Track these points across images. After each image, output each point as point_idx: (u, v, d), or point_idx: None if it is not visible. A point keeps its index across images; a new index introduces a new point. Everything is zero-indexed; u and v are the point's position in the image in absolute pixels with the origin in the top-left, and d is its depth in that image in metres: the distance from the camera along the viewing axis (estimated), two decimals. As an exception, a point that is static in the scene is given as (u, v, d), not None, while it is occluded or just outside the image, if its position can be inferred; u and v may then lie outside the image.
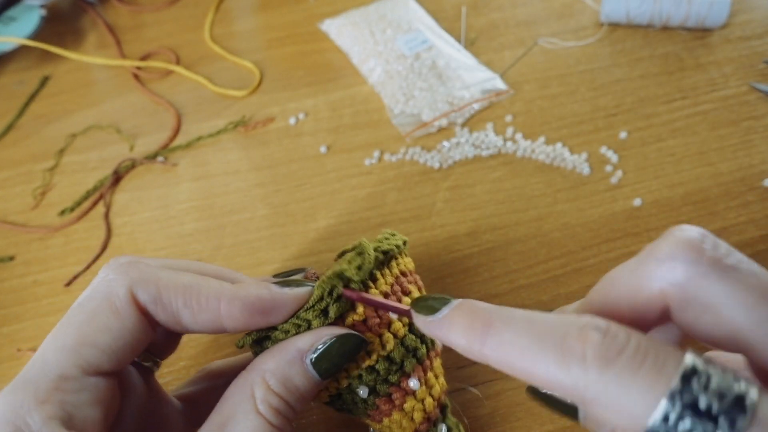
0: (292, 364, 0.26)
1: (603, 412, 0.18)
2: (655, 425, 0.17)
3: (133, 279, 0.25)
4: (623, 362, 0.18)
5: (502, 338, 0.21)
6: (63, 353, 0.23)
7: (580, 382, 0.19)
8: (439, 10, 0.60)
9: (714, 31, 0.56)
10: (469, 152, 0.48)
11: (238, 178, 0.48)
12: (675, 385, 0.17)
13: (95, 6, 0.65)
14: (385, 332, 0.28)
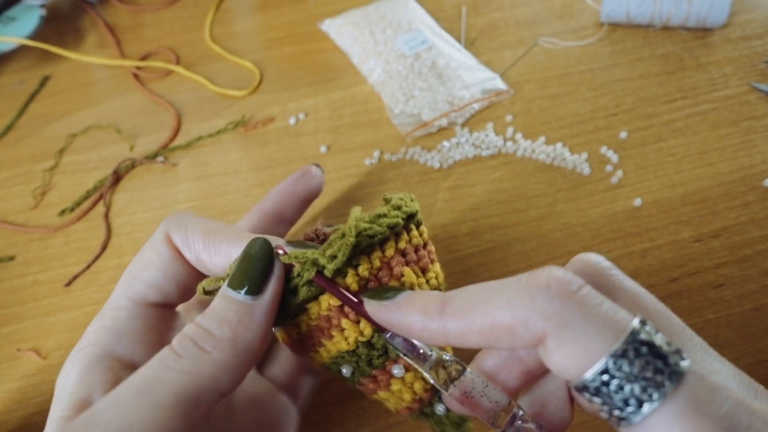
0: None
1: (555, 348, 0.20)
2: (593, 377, 0.19)
3: (169, 224, 0.28)
4: (582, 297, 0.20)
5: (461, 301, 0.22)
6: (118, 290, 0.28)
7: (545, 309, 0.20)
8: (439, 10, 0.60)
9: (714, 30, 0.56)
10: (469, 152, 0.48)
11: (238, 178, 0.48)
12: (619, 346, 0.19)
13: (95, 6, 0.65)
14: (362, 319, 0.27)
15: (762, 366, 0.35)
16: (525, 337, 0.20)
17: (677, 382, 0.19)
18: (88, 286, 0.42)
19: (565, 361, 0.20)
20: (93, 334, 0.27)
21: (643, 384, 0.19)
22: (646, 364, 0.19)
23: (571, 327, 0.20)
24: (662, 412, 0.19)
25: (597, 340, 0.19)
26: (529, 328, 0.20)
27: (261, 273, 0.25)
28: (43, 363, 0.39)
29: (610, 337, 0.19)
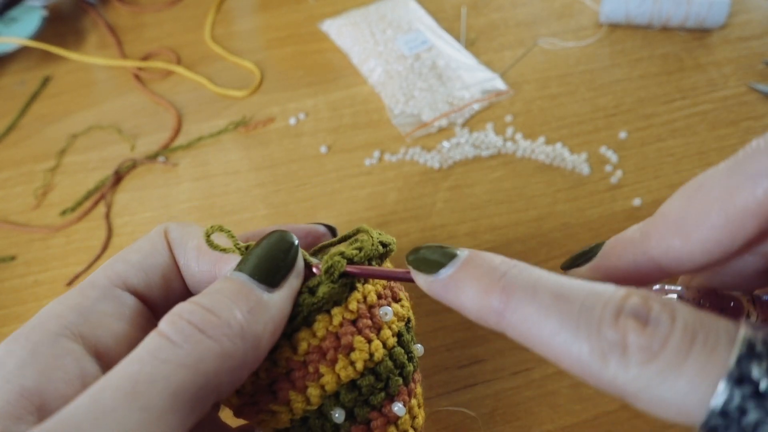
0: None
1: (648, 408, 0.16)
2: (711, 418, 0.14)
3: (169, 223, 0.26)
4: (668, 354, 0.15)
5: (525, 314, 0.18)
6: (95, 272, 0.24)
7: (619, 378, 0.16)
8: (439, 10, 0.60)
9: (713, 31, 0.56)
10: (469, 152, 0.48)
11: (238, 178, 0.48)
12: (731, 368, 0.14)
13: (96, 7, 0.65)
14: (375, 338, 0.24)
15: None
16: (597, 385, 0.17)
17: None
18: (89, 286, 0.42)
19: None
20: (50, 310, 0.22)
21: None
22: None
23: (650, 402, 0.16)
24: None
25: (692, 395, 0.15)
26: (602, 387, 0.17)
27: (282, 264, 0.23)
28: (44, 362, 0.39)
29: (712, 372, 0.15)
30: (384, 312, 0.25)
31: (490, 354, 0.37)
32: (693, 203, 0.19)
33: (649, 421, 0.34)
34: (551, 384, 0.36)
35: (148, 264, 0.24)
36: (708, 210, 0.19)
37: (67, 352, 0.20)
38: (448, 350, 0.37)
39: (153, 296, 0.25)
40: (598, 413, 0.34)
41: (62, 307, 0.22)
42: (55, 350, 0.20)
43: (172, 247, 0.26)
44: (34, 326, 0.21)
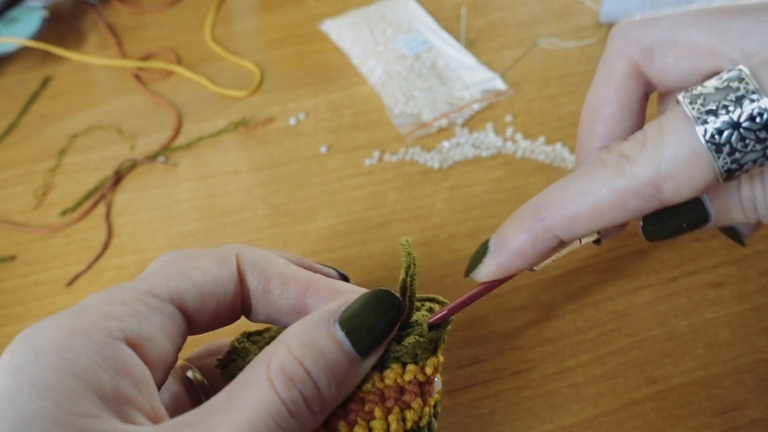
0: (318, 326, 0.22)
1: (675, 179, 0.20)
2: (705, 137, 0.19)
3: (241, 246, 0.26)
4: (652, 135, 0.21)
5: (555, 201, 0.22)
6: (159, 276, 0.23)
7: (638, 173, 0.20)
8: (439, 11, 0.60)
9: (713, 31, 0.56)
10: (469, 152, 0.48)
11: (238, 178, 0.48)
12: (687, 108, 0.20)
13: (96, 7, 0.65)
14: (428, 406, 0.25)
15: (760, 365, 0.36)
16: (635, 197, 0.21)
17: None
18: (89, 286, 0.42)
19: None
20: (105, 309, 0.21)
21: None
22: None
23: (666, 173, 0.21)
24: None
25: (686, 141, 0.20)
26: (635, 191, 0.21)
27: (383, 333, 0.23)
28: (44, 362, 0.39)
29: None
30: (437, 383, 0.26)
31: (490, 354, 0.37)
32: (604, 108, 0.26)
33: (649, 421, 0.34)
34: (551, 384, 0.36)
35: (209, 290, 0.24)
36: (613, 103, 0.26)
37: (132, 358, 0.21)
38: (448, 350, 0.37)
39: (199, 319, 0.24)
40: (598, 413, 0.34)
41: (122, 310, 0.21)
42: (121, 355, 0.20)
43: (244, 272, 0.25)
44: (95, 325, 0.20)
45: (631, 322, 0.38)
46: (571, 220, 0.22)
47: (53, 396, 0.18)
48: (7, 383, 0.18)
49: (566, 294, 0.39)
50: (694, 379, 0.35)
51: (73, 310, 0.21)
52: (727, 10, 0.22)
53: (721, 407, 0.34)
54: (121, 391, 0.19)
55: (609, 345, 0.37)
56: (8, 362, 0.19)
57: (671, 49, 0.23)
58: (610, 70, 0.26)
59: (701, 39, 0.22)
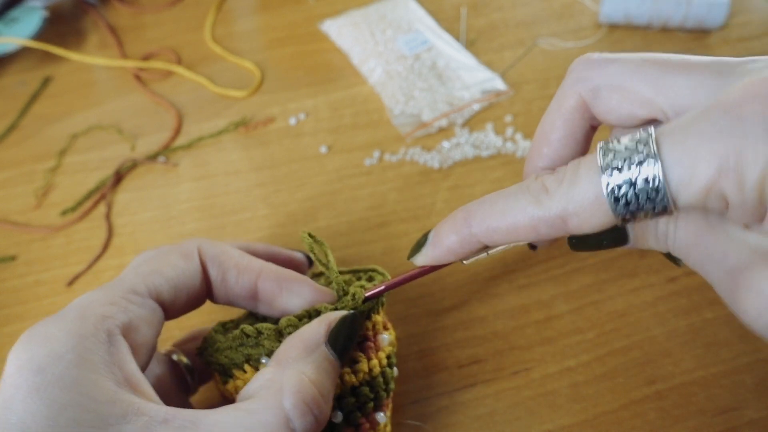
0: (315, 348, 0.26)
1: (581, 217, 0.23)
2: (607, 190, 0.22)
3: (201, 240, 0.30)
4: (569, 174, 0.23)
5: (483, 213, 0.25)
6: (137, 276, 0.27)
7: (552, 207, 0.23)
8: (439, 11, 0.60)
9: (712, 32, 0.56)
10: (469, 152, 0.48)
11: (238, 178, 0.48)
12: (600, 157, 0.23)
13: (96, 7, 0.65)
14: (374, 357, 0.29)
15: (760, 365, 0.36)
16: (547, 227, 0.24)
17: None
18: (89, 286, 0.42)
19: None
20: (98, 310, 0.25)
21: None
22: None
23: (579, 210, 0.23)
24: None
25: (593, 189, 0.23)
26: (548, 222, 0.23)
27: (353, 346, 0.28)
28: (45, 362, 0.39)
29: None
30: (383, 338, 0.30)
31: (490, 354, 0.37)
32: (552, 136, 0.29)
33: (649, 421, 0.34)
34: (551, 384, 0.36)
35: (180, 283, 0.28)
36: (560, 136, 0.29)
37: (127, 350, 0.24)
38: (448, 350, 0.37)
39: (173, 308, 0.29)
40: (598, 413, 0.34)
41: (112, 309, 0.25)
42: (121, 348, 0.24)
43: (205, 264, 0.30)
44: (98, 328, 0.24)
45: (631, 322, 0.38)
46: (492, 232, 0.25)
47: (81, 389, 0.22)
48: (35, 380, 0.22)
49: (566, 294, 0.39)
50: (694, 379, 0.35)
51: (73, 314, 0.24)
52: (671, 64, 0.26)
53: (720, 407, 0.34)
54: (129, 378, 0.23)
55: (609, 345, 0.37)
56: (28, 362, 0.22)
57: (616, 93, 0.26)
58: (562, 102, 0.29)
59: (642, 89, 0.25)
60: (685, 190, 0.21)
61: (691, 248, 0.24)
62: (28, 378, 0.22)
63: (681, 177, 0.21)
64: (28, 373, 0.22)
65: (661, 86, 0.25)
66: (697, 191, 0.21)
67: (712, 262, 0.24)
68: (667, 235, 0.25)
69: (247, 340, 0.28)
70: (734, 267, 0.22)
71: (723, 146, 0.20)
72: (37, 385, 0.22)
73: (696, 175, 0.20)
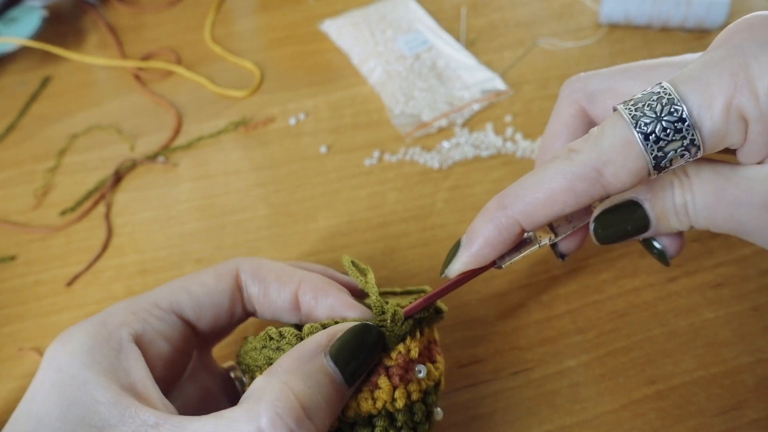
0: (311, 359, 0.25)
1: (615, 165, 0.24)
2: (637, 128, 0.23)
3: (241, 259, 0.30)
4: (595, 133, 0.25)
5: (515, 192, 0.26)
6: (164, 291, 0.28)
7: (586, 159, 0.24)
8: (439, 11, 0.60)
9: (713, 32, 0.56)
10: (469, 152, 0.48)
11: (238, 178, 0.48)
12: (622, 110, 0.24)
13: (96, 7, 0.65)
14: (402, 387, 0.26)
15: (760, 365, 0.36)
16: (584, 183, 0.24)
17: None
18: (89, 286, 0.42)
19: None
20: (120, 319, 0.26)
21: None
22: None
23: (611, 161, 0.24)
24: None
25: (626, 137, 0.24)
26: (584, 176, 0.24)
27: (366, 363, 0.26)
28: (44, 362, 0.39)
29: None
30: (419, 369, 0.27)
31: (490, 354, 0.37)
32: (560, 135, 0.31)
33: (649, 421, 0.34)
34: (551, 384, 0.36)
35: (206, 301, 0.29)
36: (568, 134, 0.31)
37: (139, 357, 0.26)
38: (448, 350, 0.37)
39: (200, 325, 0.29)
40: (598, 413, 0.34)
41: (131, 318, 0.27)
42: (130, 355, 0.25)
43: (243, 281, 0.30)
44: (112, 335, 0.26)
45: (631, 322, 0.38)
46: (530, 206, 0.25)
47: (88, 389, 0.24)
48: (54, 377, 0.24)
49: (566, 294, 0.39)
50: (694, 379, 0.35)
51: (97, 319, 0.26)
52: (653, 64, 0.29)
53: (720, 407, 0.34)
54: (133, 383, 0.25)
55: (609, 345, 0.37)
56: (53, 360, 0.25)
57: (609, 94, 0.29)
58: (561, 112, 0.31)
59: (631, 86, 0.28)
60: (707, 114, 0.22)
61: (716, 206, 0.25)
62: (50, 375, 0.24)
63: (701, 102, 0.22)
64: (51, 370, 0.25)
65: (648, 79, 0.27)
66: (718, 112, 0.22)
67: (739, 207, 0.24)
68: (686, 204, 0.26)
69: (270, 342, 0.27)
70: (765, 200, 0.24)
71: (729, 67, 0.22)
72: (54, 382, 0.24)
73: (714, 96, 0.22)
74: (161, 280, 0.42)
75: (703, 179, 0.25)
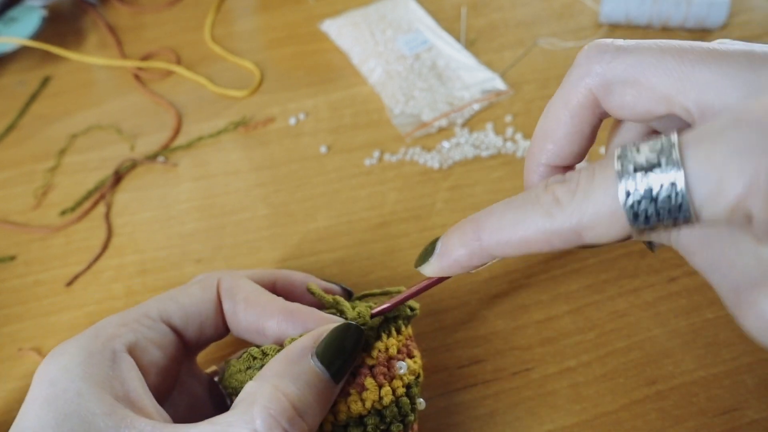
0: (299, 360, 0.25)
1: (595, 231, 0.21)
2: (625, 205, 0.20)
3: (222, 274, 0.31)
4: (582, 185, 0.22)
5: (492, 226, 0.24)
6: (152, 302, 0.29)
7: (565, 221, 0.22)
8: (439, 11, 0.60)
9: (713, 31, 0.56)
10: (469, 152, 0.48)
11: (238, 178, 0.48)
12: (617, 167, 0.21)
13: (96, 6, 0.65)
14: (386, 385, 0.28)
15: (760, 365, 0.36)
16: (562, 240, 0.23)
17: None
18: (89, 286, 0.42)
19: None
20: (111, 331, 0.27)
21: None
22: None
23: (591, 223, 0.22)
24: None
25: (610, 199, 0.21)
26: (563, 236, 0.22)
27: (350, 360, 0.27)
28: (44, 362, 0.39)
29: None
30: (399, 365, 0.28)
31: (490, 354, 0.37)
32: (556, 130, 0.28)
33: (649, 422, 0.34)
34: (551, 384, 0.36)
35: (193, 311, 0.29)
36: (565, 127, 0.28)
37: (132, 367, 0.26)
38: (448, 350, 0.37)
39: (187, 333, 0.30)
40: (598, 413, 0.34)
41: (122, 329, 0.27)
42: (123, 365, 0.26)
43: (221, 295, 0.30)
44: (105, 346, 0.26)
45: (631, 322, 0.38)
46: (504, 245, 0.24)
47: (83, 401, 0.24)
48: (47, 391, 0.24)
49: (566, 294, 0.39)
50: (694, 379, 0.35)
51: (88, 333, 0.27)
52: (694, 55, 0.23)
53: (721, 407, 0.34)
54: (128, 393, 0.25)
55: (609, 345, 0.37)
56: (45, 375, 0.25)
57: (630, 88, 0.24)
58: (570, 96, 0.27)
59: (660, 84, 0.23)
60: (711, 207, 0.20)
61: (696, 254, 0.24)
62: (43, 389, 0.24)
63: (707, 193, 0.19)
64: (44, 384, 0.24)
65: (683, 82, 0.22)
66: (723, 209, 0.19)
67: (716, 270, 0.23)
68: (670, 236, 0.25)
69: (254, 362, 0.28)
70: (740, 281, 0.22)
71: (755, 163, 0.18)
72: (47, 397, 0.24)
73: (723, 192, 0.19)
74: (161, 280, 0.42)
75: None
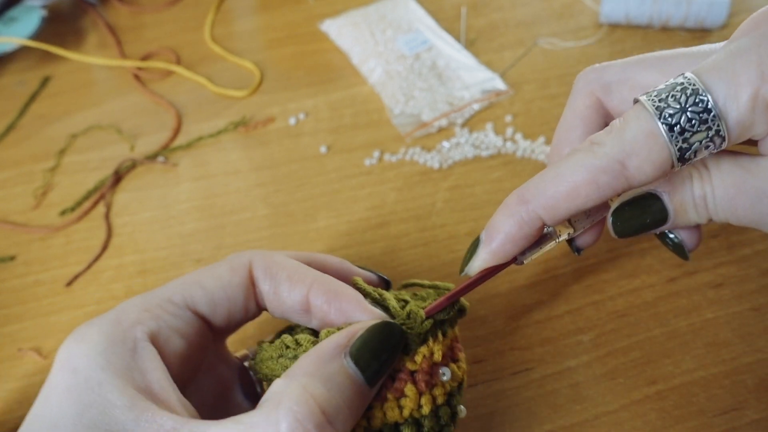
0: (331, 360, 0.24)
1: (639, 158, 0.23)
2: (660, 117, 0.23)
3: (254, 253, 0.29)
4: (617, 125, 0.24)
5: (535, 186, 0.25)
6: (177, 286, 0.27)
7: (609, 151, 0.23)
8: (439, 11, 0.60)
9: (713, 31, 0.56)
10: (469, 152, 0.48)
11: (238, 178, 0.48)
12: (644, 99, 0.24)
13: (96, 6, 0.65)
14: (427, 393, 0.26)
15: (761, 365, 0.36)
16: (607, 178, 0.24)
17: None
18: (88, 286, 0.42)
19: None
20: (133, 317, 0.25)
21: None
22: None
23: (633, 154, 0.24)
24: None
25: (651, 128, 0.24)
26: (608, 170, 0.24)
27: (388, 364, 0.25)
28: (44, 363, 0.39)
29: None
30: (443, 372, 0.26)
31: (490, 354, 0.37)
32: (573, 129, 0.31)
33: (649, 422, 0.34)
34: (551, 384, 0.36)
35: (220, 296, 0.27)
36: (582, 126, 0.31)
37: (155, 357, 0.25)
38: (448, 350, 0.37)
39: (214, 320, 0.28)
40: (598, 413, 0.34)
41: (145, 315, 0.26)
42: (146, 355, 0.25)
43: (256, 276, 0.28)
44: (127, 335, 0.25)
45: (631, 322, 0.38)
46: (552, 200, 0.25)
47: (104, 391, 0.23)
48: (69, 379, 0.24)
49: (566, 294, 0.39)
50: (694, 379, 0.35)
51: (110, 317, 0.25)
52: (669, 54, 0.28)
53: (721, 407, 0.34)
54: (150, 385, 0.24)
55: (609, 345, 0.37)
56: (68, 361, 0.24)
57: (624, 85, 0.28)
58: (576, 104, 0.30)
59: (648, 76, 0.28)
60: (733, 105, 0.22)
61: (736, 198, 0.25)
62: (65, 377, 0.24)
63: (727, 93, 0.22)
64: (66, 372, 0.24)
65: (666, 70, 0.26)
66: (744, 102, 0.22)
67: (762, 198, 0.24)
68: (706, 197, 0.26)
69: (287, 351, 0.27)
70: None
71: (756, 56, 0.22)
72: (69, 386, 0.23)
73: (740, 86, 0.22)
74: (161, 280, 0.42)
75: (723, 171, 0.25)
